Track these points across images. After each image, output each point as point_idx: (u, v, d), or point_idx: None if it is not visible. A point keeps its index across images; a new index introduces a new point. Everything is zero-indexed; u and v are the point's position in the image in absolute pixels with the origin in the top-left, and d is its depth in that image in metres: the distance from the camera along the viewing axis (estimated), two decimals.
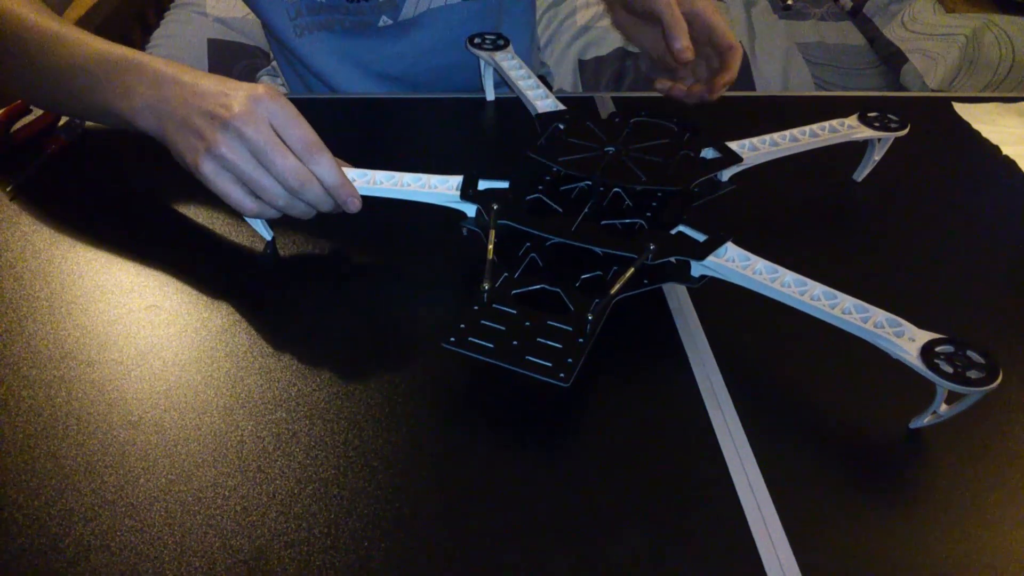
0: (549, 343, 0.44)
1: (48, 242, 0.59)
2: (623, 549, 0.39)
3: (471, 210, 0.55)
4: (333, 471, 0.43)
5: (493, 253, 0.49)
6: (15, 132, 0.69)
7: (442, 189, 0.56)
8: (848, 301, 0.46)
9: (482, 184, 0.56)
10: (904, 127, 0.65)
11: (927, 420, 0.45)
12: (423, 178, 0.56)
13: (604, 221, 0.53)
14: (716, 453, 0.44)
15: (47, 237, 0.59)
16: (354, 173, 0.56)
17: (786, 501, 0.42)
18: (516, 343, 0.44)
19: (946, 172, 0.72)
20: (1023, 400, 0.48)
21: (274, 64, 1.02)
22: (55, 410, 0.46)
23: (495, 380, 0.48)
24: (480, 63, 0.77)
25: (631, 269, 0.48)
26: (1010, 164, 0.72)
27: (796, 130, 0.63)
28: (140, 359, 0.49)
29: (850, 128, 0.64)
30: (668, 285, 0.56)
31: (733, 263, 0.49)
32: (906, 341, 0.43)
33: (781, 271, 0.49)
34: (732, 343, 0.52)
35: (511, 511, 0.41)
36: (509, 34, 0.79)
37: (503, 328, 0.45)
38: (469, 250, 0.56)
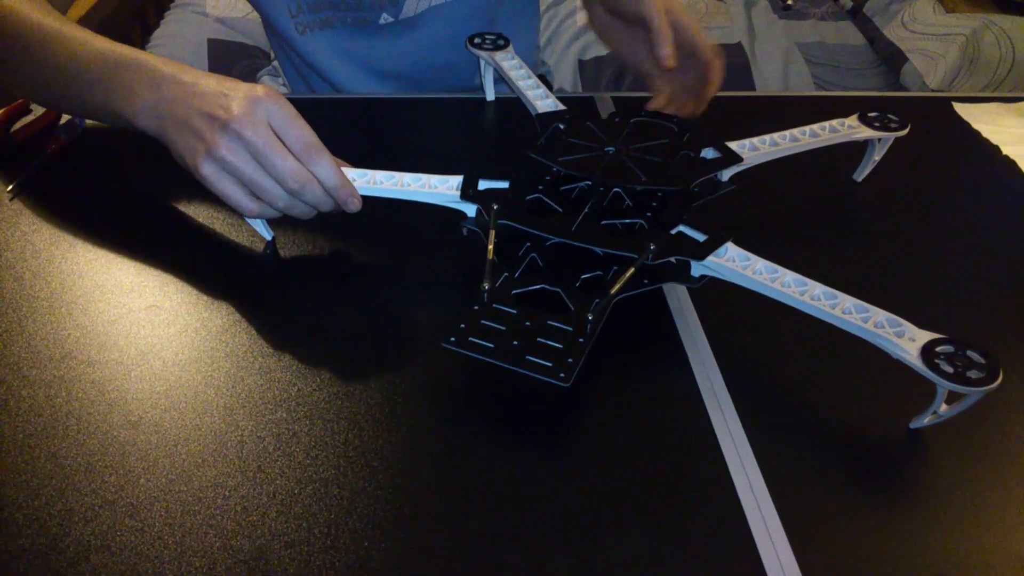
0: (549, 343, 0.44)
1: (48, 242, 0.59)
2: (623, 549, 0.39)
3: (471, 210, 0.55)
4: (333, 471, 0.43)
5: (493, 253, 0.49)
6: (15, 132, 0.69)
7: (442, 189, 0.56)
8: (848, 301, 0.46)
9: (482, 184, 0.56)
10: (904, 127, 0.65)
11: (927, 420, 0.45)
12: (423, 178, 0.56)
13: (604, 221, 0.53)
14: (716, 453, 0.44)
15: (47, 237, 0.59)
16: (354, 173, 0.56)
17: (786, 501, 0.42)
18: (516, 343, 0.44)
19: (946, 172, 0.72)
20: (1023, 400, 0.48)
21: (274, 64, 1.02)
22: (55, 410, 0.46)
23: (495, 380, 0.48)
24: (480, 63, 0.77)
25: (631, 269, 0.48)
26: (1010, 164, 0.72)
27: (796, 130, 0.63)
28: (140, 359, 0.49)
29: (850, 128, 0.64)
30: (668, 285, 0.56)
31: (733, 263, 0.49)
32: (906, 341, 0.43)
33: (781, 271, 0.49)
34: (732, 343, 0.52)
35: (511, 511, 0.41)
36: (511, 32, 0.79)
37: (503, 328, 0.45)
38: (469, 250, 0.56)
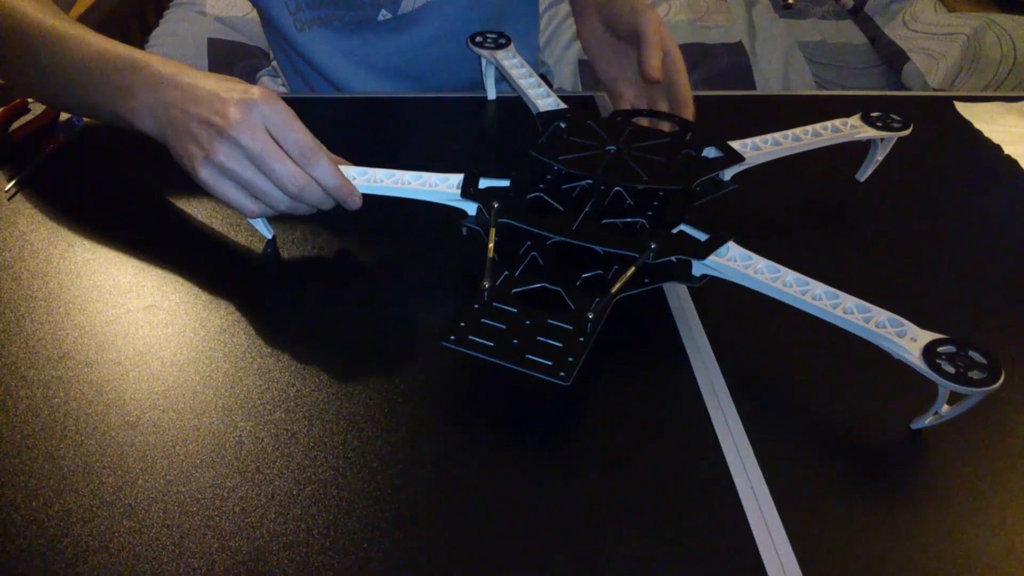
0: (550, 342, 0.44)
1: (46, 241, 0.59)
2: (623, 549, 0.39)
3: (472, 208, 0.55)
4: (332, 472, 0.43)
5: (493, 251, 0.49)
6: (14, 131, 0.69)
7: (443, 187, 0.55)
8: (850, 301, 0.46)
9: (483, 183, 0.56)
10: (907, 127, 0.65)
11: (929, 421, 0.45)
12: (424, 176, 0.56)
13: (605, 220, 0.53)
14: (716, 453, 0.44)
15: (45, 236, 0.59)
16: (354, 171, 0.56)
17: (787, 501, 0.42)
18: (516, 342, 0.44)
19: (948, 172, 0.72)
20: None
21: (274, 64, 1.01)
22: (53, 411, 0.46)
23: (495, 380, 0.48)
24: (481, 61, 0.77)
25: (632, 268, 0.48)
26: (1011, 163, 0.72)
27: (798, 129, 0.63)
28: (138, 359, 0.49)
29: (853, 128, 0.64)
30: (669, 285, 0.56)
31: (735, 262, 0.49)
32: (908, 341, 0.43)
33: (783, 270, 0.48)
34: (733, 343, 0.52)
35: (511, 511, 0.41)
36: (510, 30, 0.79)
37: (503, 327, 0.45)
38: (469, 250, 0.56)
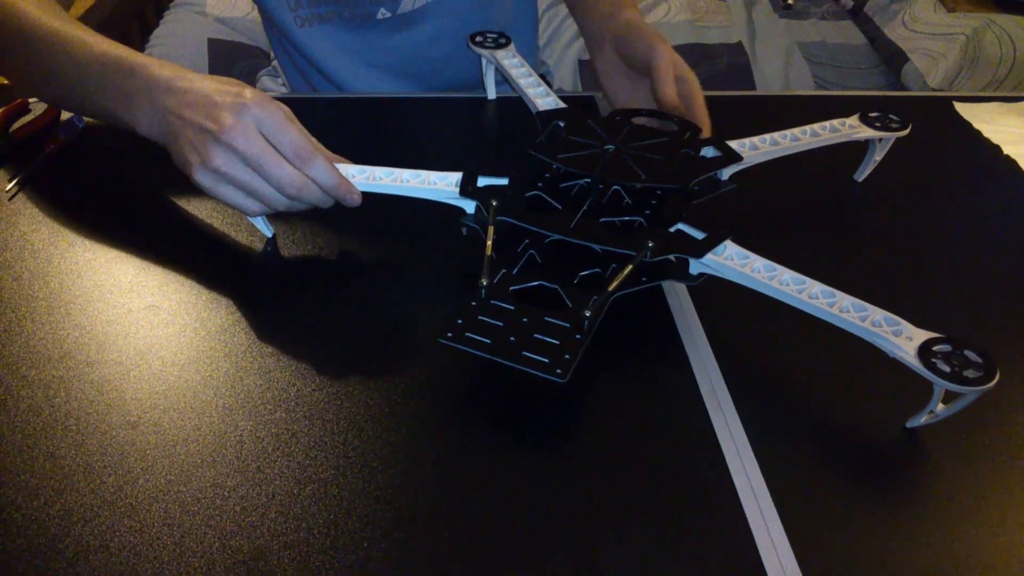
0: (546, 339, 0.44)
1: (47, 241, 0.59)
2: (623, 549, 0.39)
3: (470, 207, 0.55)
4: (332, 471, 0.43)
5: (492, 249, 0.49)
6: (14, 131, 0.69)
7: (441, 186, 0.55)
8: (846, 300, 0.46)
9: (481, 181, 0.56)
10: (905, 127, 0.65)
11: (924, 419, 0.45)
12: (422, 174, 0.56)
13: (603, 219, 0.53)
14: (716, 453, 0.44)
15: (46, 236, 0.59)
16: (353, 169, 0.56)
17: (786, 501, 0.42)
18: (513, 339, 0.44)
19: (947, 172, 0.72)
20: (1023, 399, 0.48)
21: (274, 64, 1.01)
22: (54, 410, 0.46)
23: (495, 380, 0.48)
24: (482, 61, 0.77)
25: (629, 266, 0.48)
26: (1011, 163, 0.72)
27: (797, 129, 0.63)
28: (139, 359, 0.49)
29: (851, 128, 0.64)
30: (668, 284, 0.56)
31: (732, 261, 0.49)
32: (904, 340, 0.43)
33: (779, 269, 0.48)
34: (732, 343, 0.52)
35: (511, 511, 0.41)
36: (509, 29, 0.79)
37: (500, 324, 0.45)
38: (470, 250, 0.56)
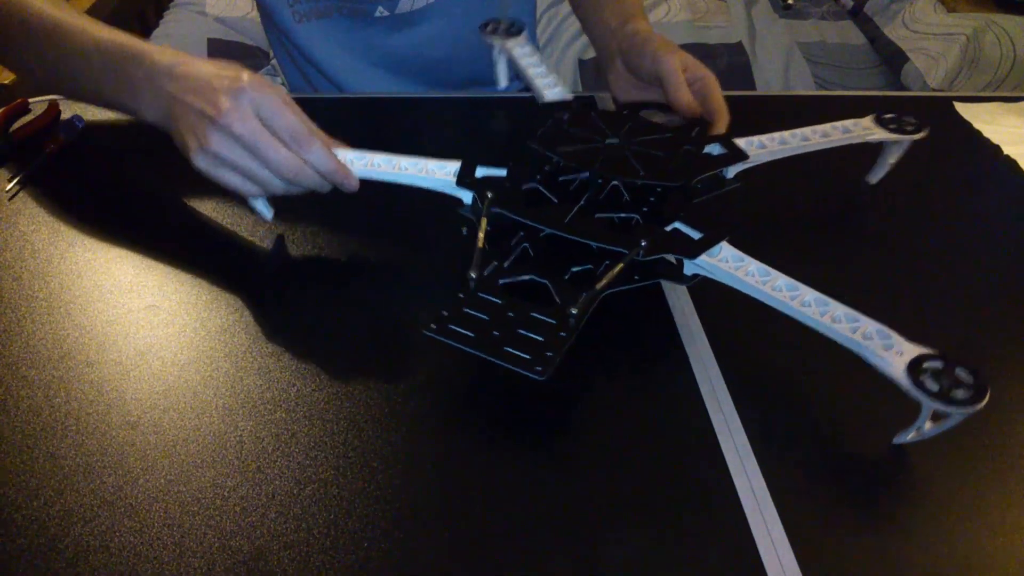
0: (530, 335, 0.43)
1: (47, 241, 0.59)
2: (623, 549, 0.39)
3: (468, 197, 0.54)
4: (332, 471, 0.43)
5: (483, 242, 0.49)
6: (14, 131, 0.69)
7: (439, 174, 0.55)
8: (839, 309, 0.45)
9: (480, 171, 0.55)
10: (920, 130, 0.63)
11: (911, 437, 0.44)
12: (420, 162, 0.56)
13: (599, 215, 0.52)
14: (716, 453, 0.44)
15: (46, 236, 0.59)
16: (351, 154, 0.56)
17: (787, 501, 0.42)
18: (497, 333, 0.43)
19: (947, 172, 0.72)
20: (1022, 403, 0.48)
21: (274, 63, 1.02)
22: (54, 410, 0.46)
23: (495, 380, 0.48)
24: (493, 50, 0.76)
25: (620, 264, 0.47)
26: (1011, 163, 0.72)
27: (807, 129, 0.61)
28: (139, 359, 0.49)
29: (864, 130, 0.62)
30: (668, 284, 0.56)
31: (726, 263, 0.48)
32: (893, 355, 0.42)
33: (774, 274, 0.47)
34: (733, 343, 0.52)
35: (511, 511, 0.41)
36: None
37: (486, 318, 0.44)
38: (471, 250, 0.56)
